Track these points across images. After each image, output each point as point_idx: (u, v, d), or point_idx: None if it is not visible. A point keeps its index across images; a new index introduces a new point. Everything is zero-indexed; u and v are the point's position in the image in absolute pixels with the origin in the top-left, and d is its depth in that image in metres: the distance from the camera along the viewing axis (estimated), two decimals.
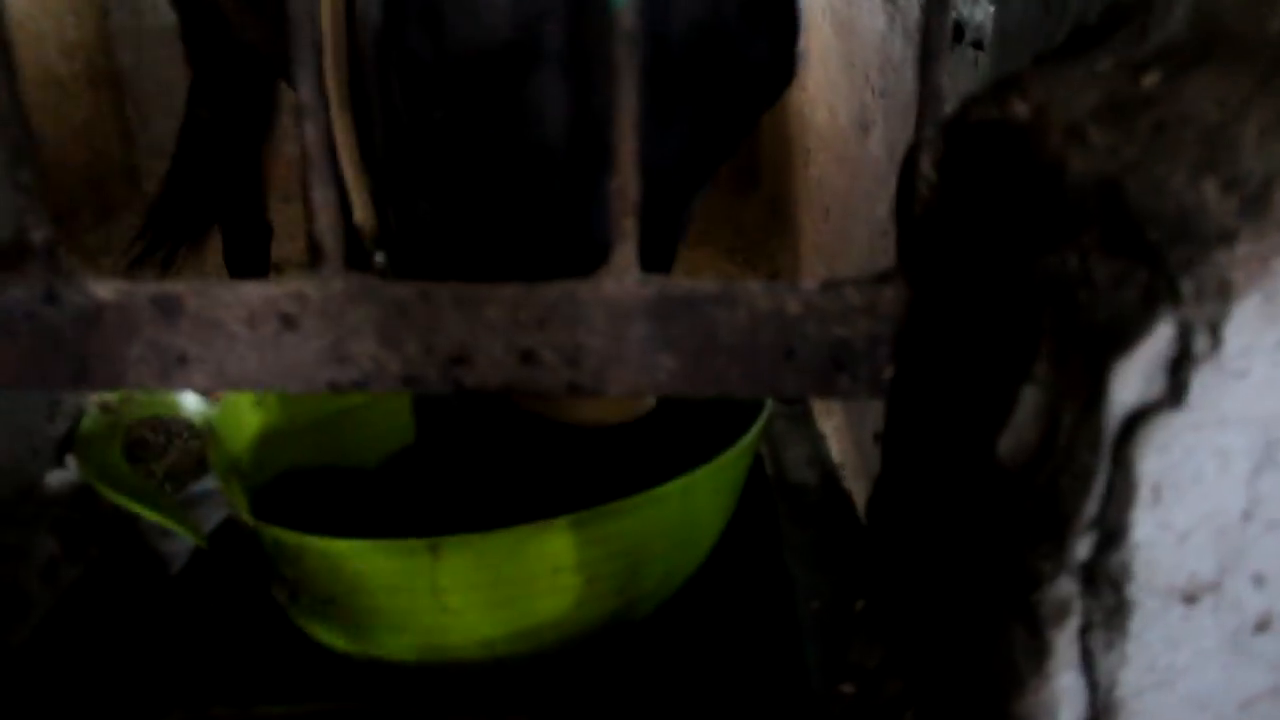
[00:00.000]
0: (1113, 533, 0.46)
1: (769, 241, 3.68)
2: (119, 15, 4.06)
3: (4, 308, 0.59)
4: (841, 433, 1.53)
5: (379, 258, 0.91)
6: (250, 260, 2.57)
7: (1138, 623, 0.47)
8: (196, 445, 0.96)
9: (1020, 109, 0.55)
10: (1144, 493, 0.44)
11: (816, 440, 0.96)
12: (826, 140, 2.79)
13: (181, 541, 0.80)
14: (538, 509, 0.69)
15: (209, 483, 0.89)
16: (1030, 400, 0.48)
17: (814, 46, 2.97)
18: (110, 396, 0.78)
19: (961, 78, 1.47)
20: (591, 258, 0.62)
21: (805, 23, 1.00)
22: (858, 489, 0.91)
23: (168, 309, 0.58)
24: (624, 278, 0.55)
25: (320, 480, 0.92)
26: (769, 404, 0.77)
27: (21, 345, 0.59)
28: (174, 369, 0.59)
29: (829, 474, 0.88)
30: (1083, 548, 0.47)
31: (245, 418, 0.85)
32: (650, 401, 0.81)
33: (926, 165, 0.57)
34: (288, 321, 0.57)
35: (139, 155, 4.19)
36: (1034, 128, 0.53)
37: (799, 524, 0.80)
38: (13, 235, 0.70)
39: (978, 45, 1.40)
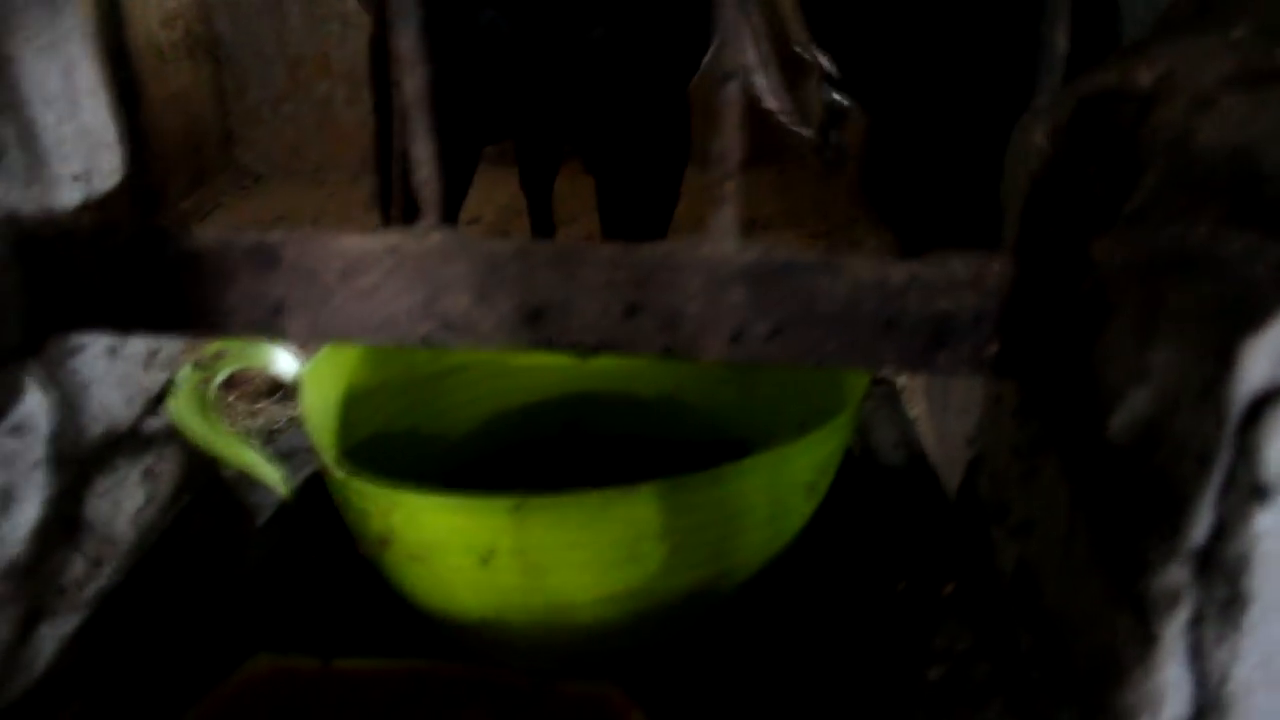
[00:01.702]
0: (1231, 521, 0.44)
1: (855, 226, 3.63)
2: None
3: (110, 253, 0.60)
4: (923, 421, 1.50)
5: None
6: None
7: (1254, 616, 0.44)
8: (281, 405, 0.97)
9: (1144, 77, 0.52)
10: (1268, 480, 0.42)
11: (905, 423, 0.94)
12: None
13: (267, 494, 0.81)
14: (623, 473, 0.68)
15: (294, 439, 0.90)
16: (1148, 379, 0.46)
17: None
18: (204, 349, 0.79)
19: None
20: None
21: None
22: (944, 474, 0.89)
23: (265, 259, 0.58)
24: (723, 242, 0.54)
25: (407, 443, 0.92)
26: (866, 382, 0.76)
27: (126, 290, 0.60)
28: (270, 318, 0.60)
29: (918, 457, 0.86)
30: (1198, 535, 0.45)
31: (335, 377, 0.86)
32: None
33: (1040, 137, 0.55)
34: (383, 274, 0.57)
35: (234, 122, 4.26)
36: (1158, 96, 0.50)
37: (887, 505, 0.79)
38: (117, 184, 0.71)
39: None
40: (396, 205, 1.03)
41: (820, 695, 0.68)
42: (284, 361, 0.83)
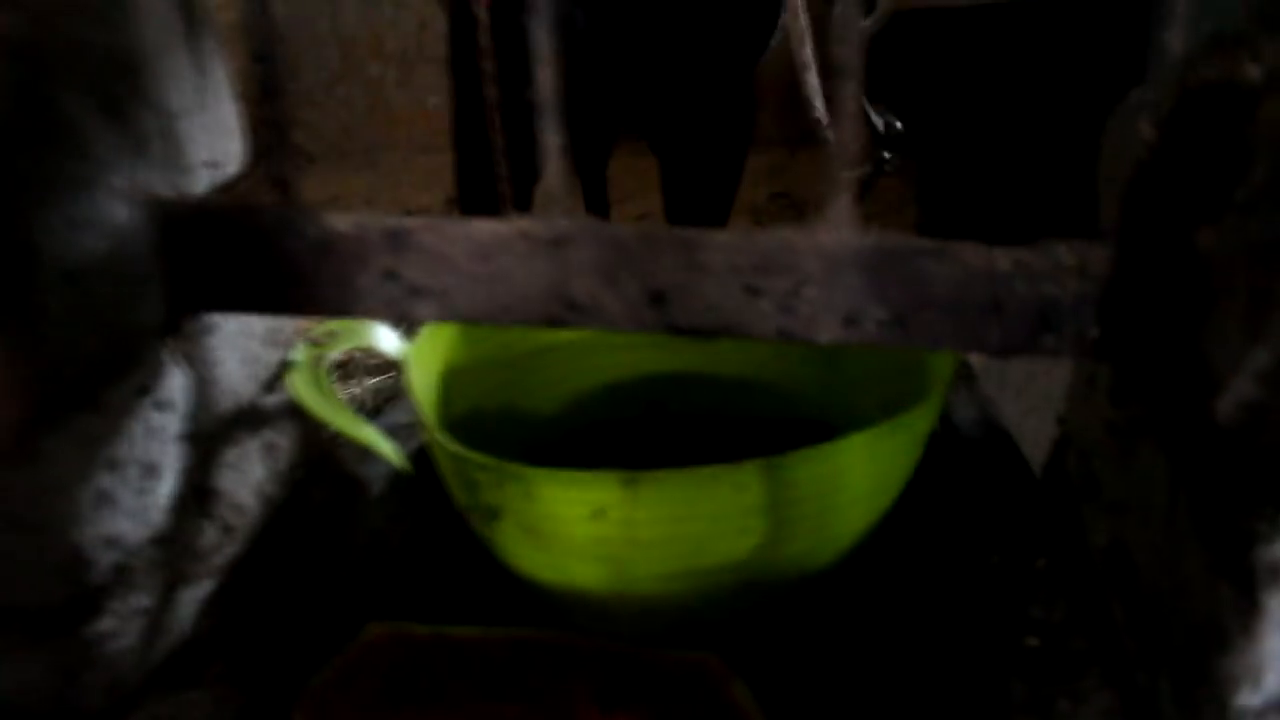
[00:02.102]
0: None
1: (904, 209, 3.64)
2: None
3: (247, 235, 0.63)
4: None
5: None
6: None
7: None
8: (385, 381, 1.01)
9: (1252, 71, 0.54)
10: None
11: (984, 402, 0.96)
12: None
13: (377, 467, 0.84)
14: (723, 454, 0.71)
15: (398, 415, 0.94)
16: (1255, 361, 0.49)
17: None
18: (316, 329, 0.82)
19: None
20: None
21: None
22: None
23: (399, 242, 0.62)
24: (840, 229, 0.57)
25: (501, 418, 0.96)
26: (952, 362, 0.78)
27: (261, 272, 0.64)
28: (403, 299, 0.63)
29: (999, 435, 0.89)
30: None
31: (436, 356, 0.89)
32: None
33: (1147, 127, 0.57)
34: (514, 258, 0.60)
35: (288, 105, 4.31)
36: (1268, 90, 0.52)
37: (974, 483, 0.81)
38: (241, 170, 0.74)
39: None
40: (506, 187, 1.07)
41: (916, 665, 0.71)
42: (388, 340, 0.86)
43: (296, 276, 0.64)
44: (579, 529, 0.70)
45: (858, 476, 0.71)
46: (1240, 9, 0.58)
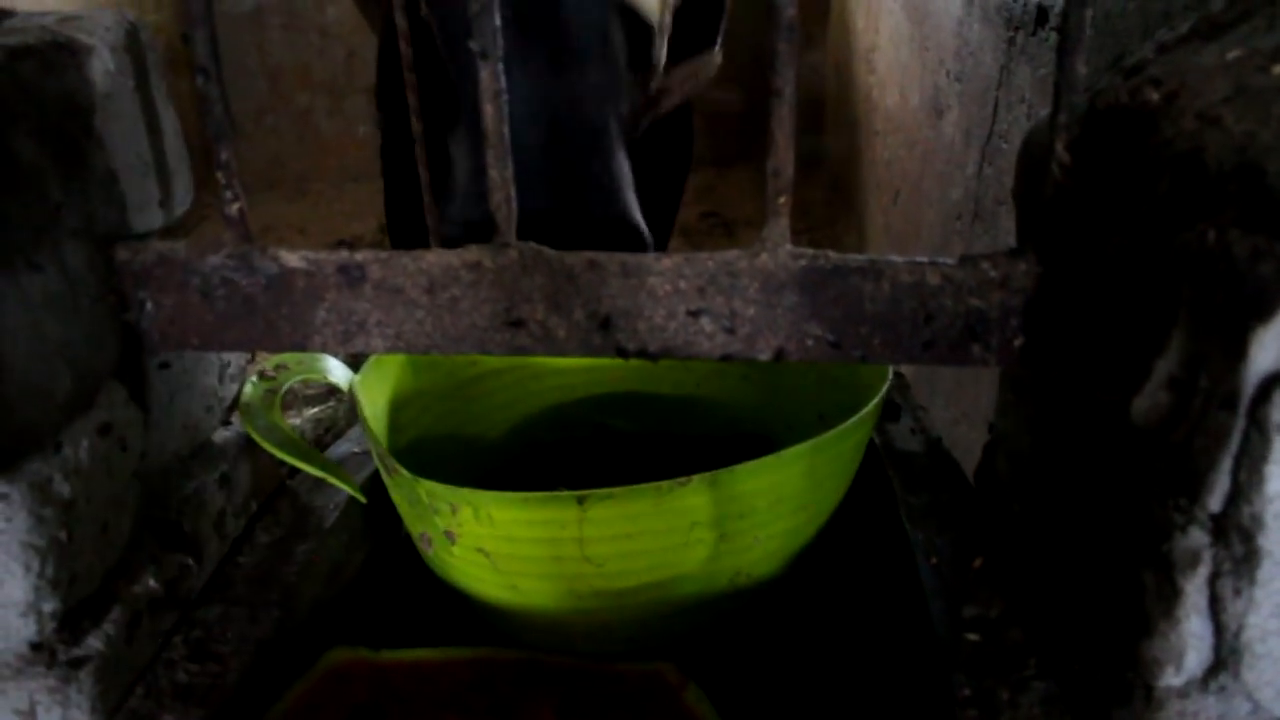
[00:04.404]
0: (1245, 487, 0.50)
1: (834, 224, 3.71)
2: None
3: (202, 274, 0.64)
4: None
5: None
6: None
7: (1266, 571, 0.50)
8: (324, 411, 1.02)
9: (1152, 95, 0.58)
10: (1279, 450, 0.48)
11: (918, 411, 1.00)
12: (897, 123, 2.81)
13: (331, 497, 0.86)
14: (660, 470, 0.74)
15: (347, 445, 0.95)
16: (1166, 366, 0.52)
17: (884, 29, 2.99)
18: (267, 363, 0.84)
19: (1042, 60, 1.49)
20: None
21: None
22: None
23: (353, 276, 0.63)
24: (778, 250, 0.60)
25: (449, 444, 0.98)
26: (890, 374, 0.81)
27: (218, 309, 0.65)
28: (356, 332, 0.65)
29: (934, 443, 0.92)
30: (1215, 501, 0.51)
31: (383, 385, 0.91)
32: None
33: (1061, 149, 0.60)
34: (464, 288, 0.62)
35: (237, 145, 4.28)
36: (1166, 113, 0.56)
37: (911, 488, 0.84)
38: (189, 208, 0.76)
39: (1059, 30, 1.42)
40: (432, 217, 1.08)
41: (864, 666, 0.74)
42: (338, 371, 0.88)
43: (252, 313, 0.65)
44: (531, 550, 0.72)
45: (800, 487, 0.75)
46: (1138, 37, 0.62)
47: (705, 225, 3.85)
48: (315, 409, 1.05)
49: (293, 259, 0.64)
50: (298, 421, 0.99)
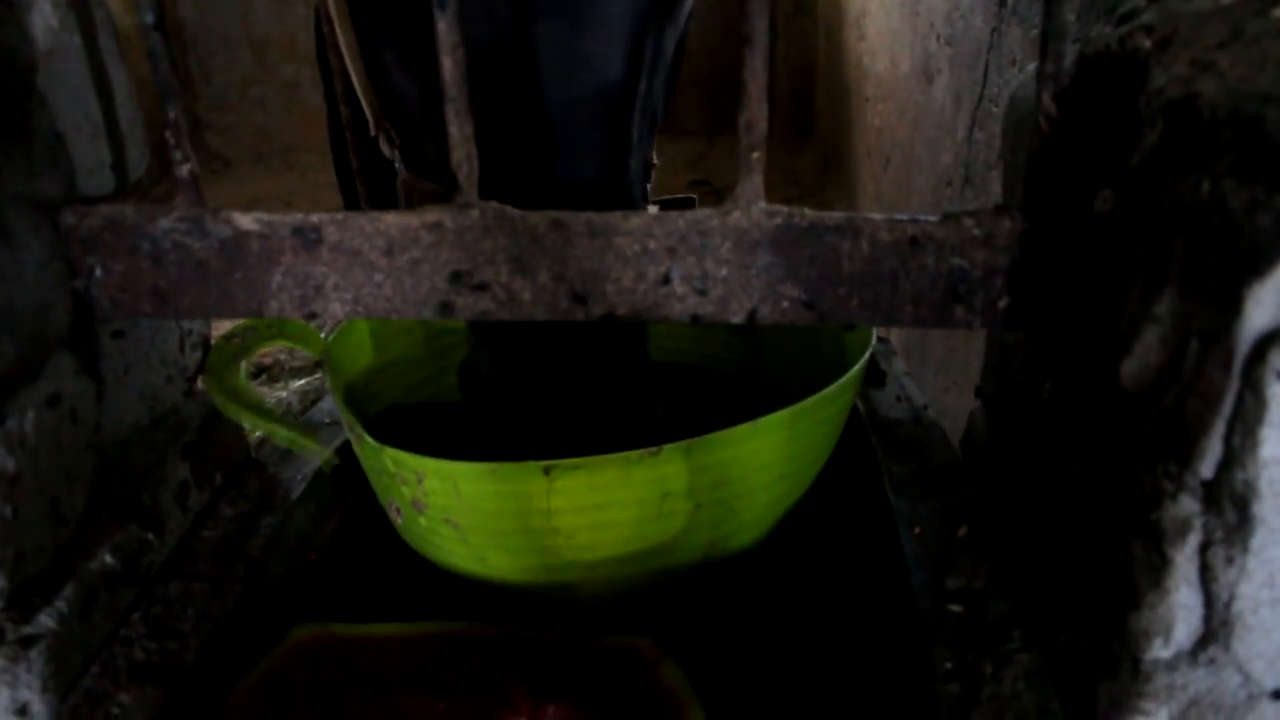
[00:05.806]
0: (1238, 451, 0.47)
1: (824, 190, 3.67)
2: None
3: (153, 238, 0.62)
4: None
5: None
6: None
7: (1260, 539, 0.48)
8: (311, 383, 1.00)
9: (1143, 41, 0.56)
10: (1274, 412, 0.45)
11: (902, 378, 0.97)
12: (887, 88, 2.77)
13: (298, 468, 0.83)
14: (637, 438, 0.71)
15: (319, 416, 0.93)
16: (1157, 325, 0.50)
17: None
18: (234, 327, 0.81)
19: (1033, 21, 1.46)
20: None
21: None
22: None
23: (309, 239, 0.61)
24: (751, 208, 0.57)
25: (422, 412, 0.95)
26: (873, 339, 0.79)
27: (170, 274, 0.62)
28: (313, 297, 0.62)
29: (918, 410, 0.90)
30: (1206, 467, 0.48)
31: (355, 352, 0.89)
32: None
33: (1047, 99, 0.58)
34: (425, 250, 0.59)
35: (201, 108, 4.23)
36: (1159, 59, 0.54)
37: (894, 457, 0.82)
38: (145, 172, 0.73)
39: None
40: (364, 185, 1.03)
41: (844, 639, 0.72)
42: (308, 338, 0.85)
43: (204, 278, 0.62)
44: (499, 522, 0.70)
45: (778, 455, 0.72)
46: None
47: (695, 193, 3.82)
48: (302, 380, 1.02)
49: (246, 221, 0.61)
50: (284, 394, 0.97)
